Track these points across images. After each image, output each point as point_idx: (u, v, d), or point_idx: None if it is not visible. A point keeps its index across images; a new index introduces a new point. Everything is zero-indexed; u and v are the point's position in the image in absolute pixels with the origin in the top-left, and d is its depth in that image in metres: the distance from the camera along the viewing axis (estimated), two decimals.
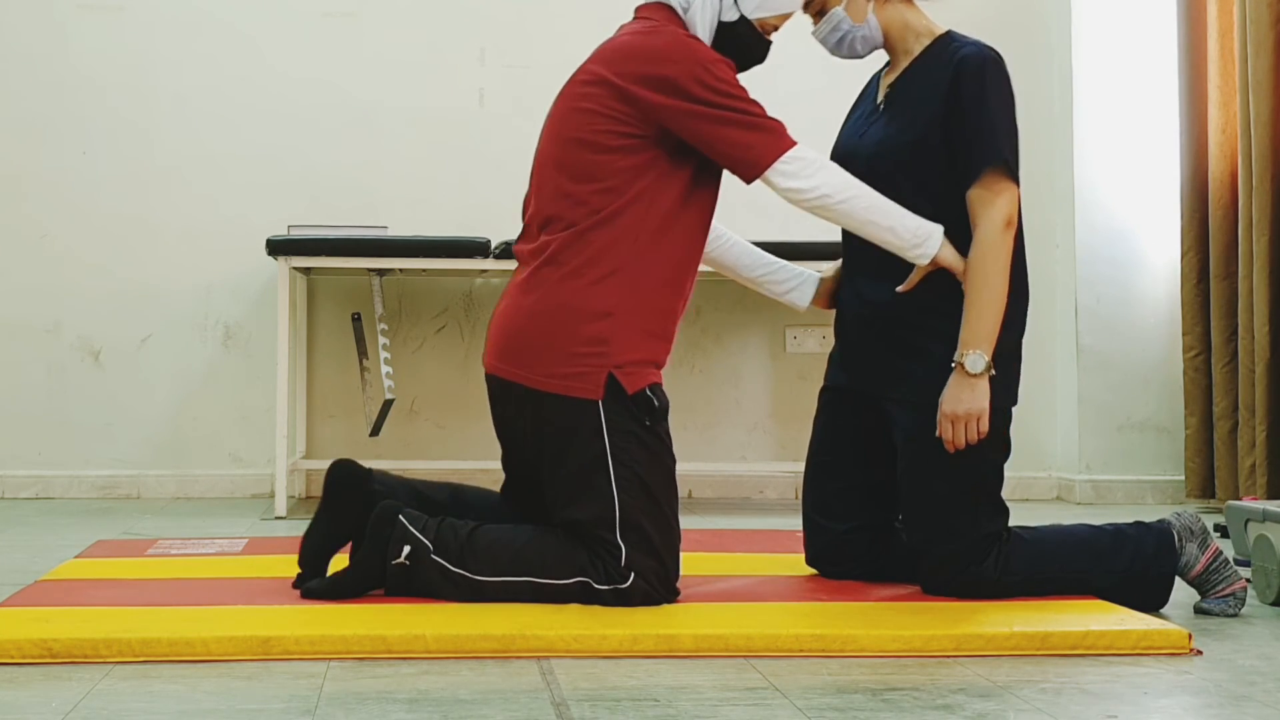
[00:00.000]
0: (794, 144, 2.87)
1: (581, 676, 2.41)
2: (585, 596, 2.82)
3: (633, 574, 2.81)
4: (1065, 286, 5.22)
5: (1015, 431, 3.04)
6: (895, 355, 3.03)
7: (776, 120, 2.88)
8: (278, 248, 4.62)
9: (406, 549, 2.80)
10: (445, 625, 2.61)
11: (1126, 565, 2.94)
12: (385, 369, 4.71)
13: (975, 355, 2.88)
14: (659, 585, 2.83)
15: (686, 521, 4.61)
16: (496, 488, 3.13)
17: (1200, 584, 2.96)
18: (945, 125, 2.96)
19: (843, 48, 3.09)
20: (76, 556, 3.50)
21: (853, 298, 3.11)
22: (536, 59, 5.09)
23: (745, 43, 2.98)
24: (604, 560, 2.81)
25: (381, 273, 4.87)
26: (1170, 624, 2.69)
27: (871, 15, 3.05)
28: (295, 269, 4.73)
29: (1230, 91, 4.83)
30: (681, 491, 5.05)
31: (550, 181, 2.92)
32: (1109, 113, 5.17)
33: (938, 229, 2.93)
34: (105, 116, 5.09)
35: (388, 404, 4.69)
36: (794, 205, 2.92)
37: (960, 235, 2.95)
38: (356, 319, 4.88)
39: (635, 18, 3.02)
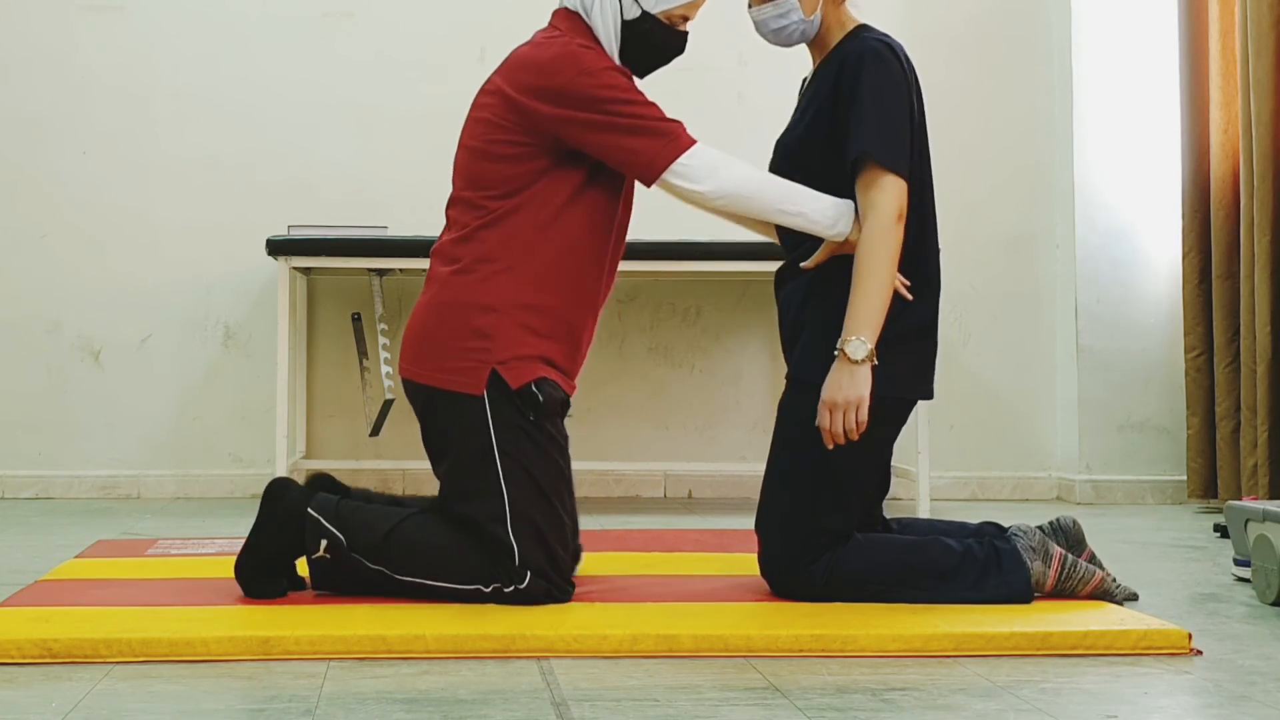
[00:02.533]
0: (691, 144, 2.86)
1: (581, 676, 2.41)
2: (494, 599, 2.84)
3: (529, 573, 2.83)
4: (1065, 286, 5.22)
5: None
6: (794, 332, 3.03)
7: (674, 122, 2.87)
8: (278, 248, 4.62)
9: (324, 542, 2.85)
10: (445, 625, 2.62)
11: (971, 586, 2.89)
12: (385, 369, 4.71)
13: (857, 341, 2.83)
14: (556, 580, 2.86)
15: (686, 521, 4.64)
16: None
17: (1061, 594, 2.93)
18: (831, 120, 2.94)
19: (780, 35, 3.02)
20: (76, 556, 3.51)
21: (778, 289, 3.13)
22: None
23: (654, 38, 2.97)
24: (502, 563, 2.84)
25: (381, 273, 4.87)
26: (1170, 624, 2.69)
27: (819, 11, 2.99)
28: (295, 269, 4.74)
29: (1232, 91, 4.83)
30: (681, 491, 5.10)
31: (455, 186, 3.00)
32: (1109, 113, 5.17)
33: (849, 206, 2.89)
34: (105, 116, 5.09)
35: (388, 404, 4.69)
36: (700, 209, 2.93)
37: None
38: (356, 319, 4.88)
39: (549, 23, 3.03)
